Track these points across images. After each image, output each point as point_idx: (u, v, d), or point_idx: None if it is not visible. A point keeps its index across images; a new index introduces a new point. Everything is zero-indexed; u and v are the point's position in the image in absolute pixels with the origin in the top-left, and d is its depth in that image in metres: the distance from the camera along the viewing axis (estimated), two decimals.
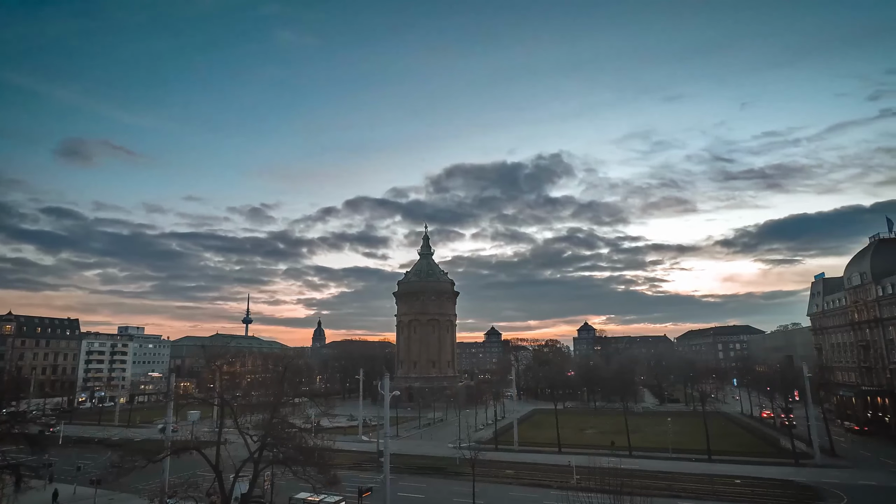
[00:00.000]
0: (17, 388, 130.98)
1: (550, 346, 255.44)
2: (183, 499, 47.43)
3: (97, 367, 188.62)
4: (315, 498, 51.42)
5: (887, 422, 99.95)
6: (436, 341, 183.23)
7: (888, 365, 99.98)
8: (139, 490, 60.00)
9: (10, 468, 47.45)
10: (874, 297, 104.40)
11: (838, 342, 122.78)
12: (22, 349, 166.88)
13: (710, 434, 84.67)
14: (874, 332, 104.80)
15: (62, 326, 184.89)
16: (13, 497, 47.96)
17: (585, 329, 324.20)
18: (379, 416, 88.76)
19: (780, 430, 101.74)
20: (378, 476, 61.97)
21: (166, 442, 54.56)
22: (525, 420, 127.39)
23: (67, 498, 60.37)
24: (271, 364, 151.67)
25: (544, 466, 75.68)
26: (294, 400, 66.65)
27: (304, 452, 42.21)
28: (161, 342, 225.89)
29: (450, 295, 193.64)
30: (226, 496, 41.73)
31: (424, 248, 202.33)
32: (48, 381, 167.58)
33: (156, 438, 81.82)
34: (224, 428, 47.02)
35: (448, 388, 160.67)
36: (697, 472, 70.84)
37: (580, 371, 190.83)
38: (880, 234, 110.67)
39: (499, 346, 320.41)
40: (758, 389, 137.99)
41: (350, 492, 52.68)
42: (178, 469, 67.03)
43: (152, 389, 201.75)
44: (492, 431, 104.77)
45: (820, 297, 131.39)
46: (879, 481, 66.31)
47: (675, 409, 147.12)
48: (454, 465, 75.54)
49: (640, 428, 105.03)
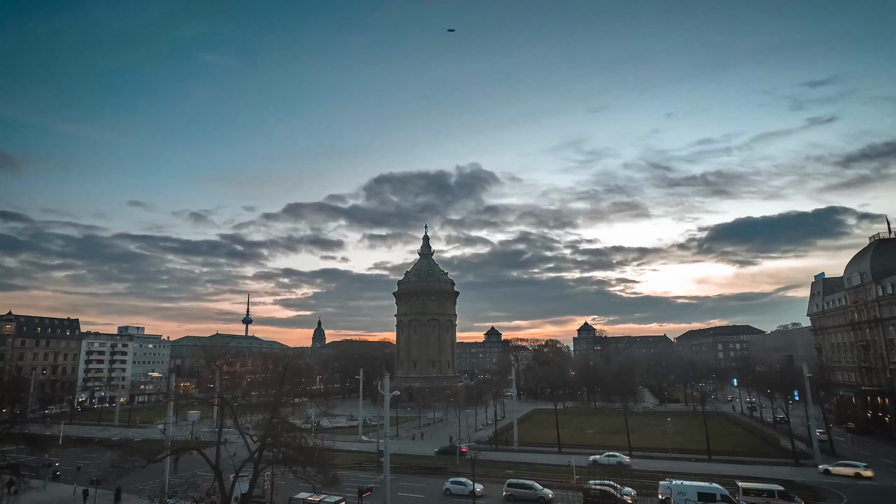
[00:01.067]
0: (17, 389, 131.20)
1: (550, 346, 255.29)
2: (183, 499, 47.57)
3: (97, 368, 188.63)
4: (315, 498, 51.42)
5: (887, 422, 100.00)
6: (436, 341, 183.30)
7: (888, 365, 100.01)
8: (139, 490, 60.04)
9: (10, 468, 47.42)
10: (874, 297, 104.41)
11: (838, 342, 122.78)
12: (22, 349, 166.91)
13: (710, 434, 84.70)
14: (874, 332, 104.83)
15: (62, 326, 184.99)
16: (13, 497, 47.94)
17: (585, 329, 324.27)
18: (379, 416, 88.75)
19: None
20: (378, 476, 61.96)
21: (166, 442, 54.60)
22: (525, 420, 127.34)
23: (67, 498, 60.40)
24: (271, 364, 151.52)
25: (544, 466, 75.74)
26: (294, 400, 66.59)
27: (304, 452, 42.25)
28: (161, 342, 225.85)
29: (450, 295, 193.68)
30: (226, 496, 41.75)
31: (424, 248, 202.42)
32: (48, 381, 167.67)
33: (156, 438, 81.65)
34: (224, 428, 47.09)
35: (448, 388, 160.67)
36: (697, 472, 70.77)
37: (580, 371, 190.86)
38: (880, 234, 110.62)
39: (499, 346, 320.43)
40: (758, 389, 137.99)
41: (350, 492, 52.64)
42: (178, 469, 67.14)
43: (152, 389, 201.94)
44: (492, 431, 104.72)
45: (820, 297, 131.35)
46: (879, 481, 66.32)
47: (675, 409, 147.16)
48: (454, 464, 75.59)
49: (640, 428, 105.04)
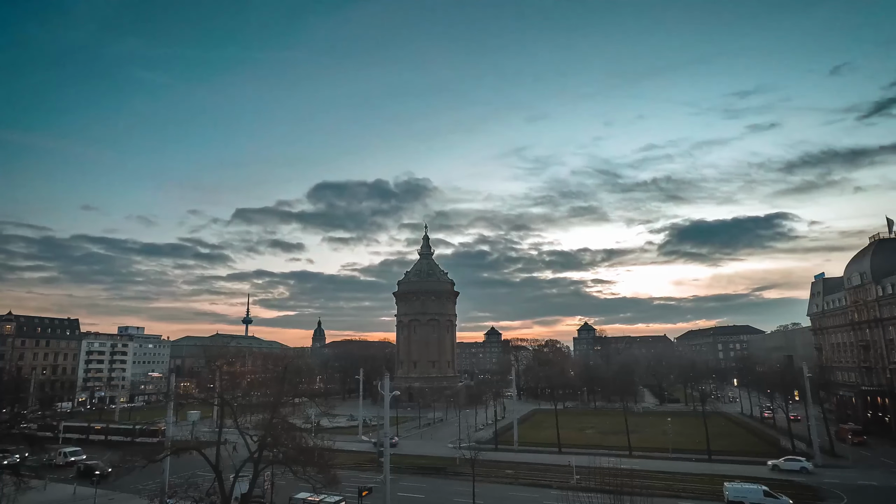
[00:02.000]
0: (17, 389, 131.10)
1: (550, 346, 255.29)
2: (183, 499, 47.56)
3: (97, 368, 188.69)
4: (315, 498, 51.41)
5: (887, 422, 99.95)
6: (436, 341, 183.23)
7: (888, 365, 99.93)
8: (139, 490, 60.04)
9: (10, 468, 47.43)
10: (874, 297, 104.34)
11: (838, 342, 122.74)
12: (22, 349, 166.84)
13: (710, 434, 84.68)
14: (874, 332, 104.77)
15: (62, 326, 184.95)
16: (13, 496, 47.95)
17: (585, 329, 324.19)
18: (379, 416, 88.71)
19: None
20: (378, 476, 61.98)
21: (166, 442, 54.60)
22: (525, 420, 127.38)
23: (67, 498, 60.40)
24: (271, 364, 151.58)
25: (544, 466, 75.72)
26: (294, 400, 66.65)
27: (304, 452, 42.23)
28: (161, 342, 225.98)
29: (450, 295, 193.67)
30: (226, 496, 41.76)
31: (424, 248, 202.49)
32: (48, 381, 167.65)
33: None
34: (224, 428, 47.09)
35: (448, 388, 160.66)
36: (697, 472, 70.89)
37: (580, 371, 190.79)
38: (880, 234, 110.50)
39: (499, 346, 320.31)
40: (758, 389, 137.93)
41: (350, 492, 52.71)
42: (178, 469, 67.12)
43: (152, 389, 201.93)
44: (492, 431, 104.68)
45: (820, 297, 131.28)
46: (879, 481, 66.31)
47: (675, 409, 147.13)
48: (454, 465, 75.59)
49: (640, 428, 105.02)
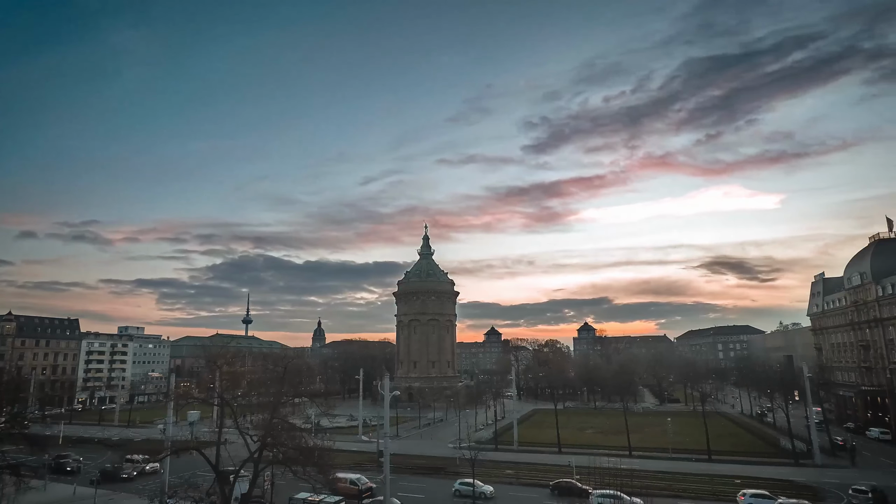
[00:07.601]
0: (17, 389, 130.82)
1: (550, 346, 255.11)
2: (183, 499, 47.56)
3: (97, 368, 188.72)
4: (315, 498, 51.44)
5: (887, 421, 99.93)
6: (436, 341, 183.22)
7: (888, 365, 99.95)
8: (139, 490, 60.04)
9: (10, 468, 47.39)
10: (874, 297, 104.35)
11: (838, 342, 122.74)
12: (22, 349, 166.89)
13: (710, 434, 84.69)
14: (874, 332, 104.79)
15: (62, 327, 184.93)
16: (13, 497, 47.93)
17: (585, 329, 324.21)
18: (379, 416, 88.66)
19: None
20: (378, 476, 61.98)
21: (166, 442, 54.61)
22: (525, 420, 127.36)
23: (67, 498, 60.39)
24: (271, 364, 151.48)
25: (544, 466, 75.73)
26: (294, 400, 66.60)
27: (304, 452, 42.25)
28: (161, 342, 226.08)
29: (450, 295, 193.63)
30: (226, 496, 41.76)
31: (424, 248, 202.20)
32: (48, 381, 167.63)
33: (156, 438, 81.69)
34: (224, 428, 47.07)
35: (448, 388, 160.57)
36: (697, 472, 70.88)
37: (580, 371, 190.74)
38: (880, 234, 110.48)
39: (499, 346, 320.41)
40: (758, 389, 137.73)
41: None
42: (178, 469, 67.11)
43: (152, 389, 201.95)
44: (492, 431, 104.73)
45: (820, 297, 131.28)
46: (879, 481, 66.26)
47: (674, 409, 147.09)
48: (454, 464, 75.53)
49: (640, 428, 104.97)
